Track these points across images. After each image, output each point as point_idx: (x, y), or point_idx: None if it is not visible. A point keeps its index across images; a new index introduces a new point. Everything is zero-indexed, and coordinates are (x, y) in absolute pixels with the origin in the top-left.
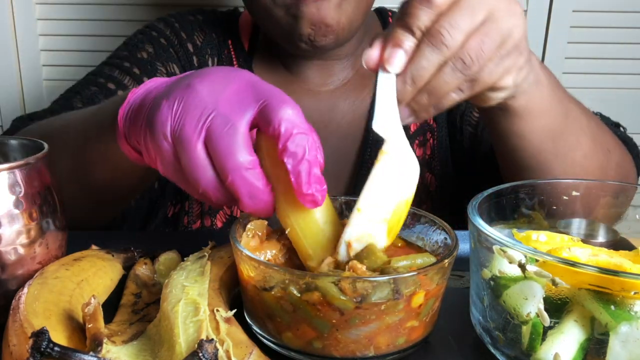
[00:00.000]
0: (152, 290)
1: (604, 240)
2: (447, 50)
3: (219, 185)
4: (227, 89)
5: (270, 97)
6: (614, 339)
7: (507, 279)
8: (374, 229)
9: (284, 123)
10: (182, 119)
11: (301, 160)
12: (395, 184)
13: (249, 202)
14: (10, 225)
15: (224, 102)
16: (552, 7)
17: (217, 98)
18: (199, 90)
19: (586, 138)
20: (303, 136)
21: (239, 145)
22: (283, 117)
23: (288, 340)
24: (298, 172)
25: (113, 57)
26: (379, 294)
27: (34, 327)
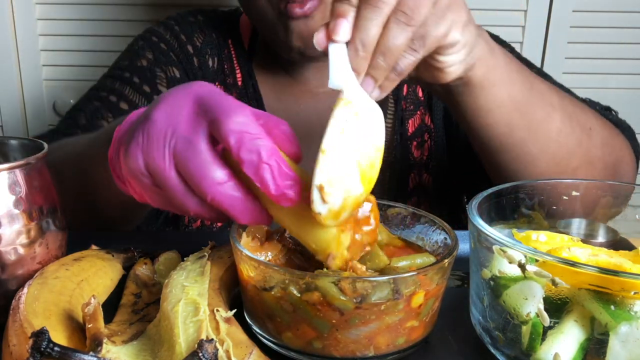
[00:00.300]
0: (152, 290)
1: (604, 240)
2: (384, 6)
3: (206, 206)
4: (182, 110)
5: (216, 110)
6: (614, 339)
7: (507, 279)
8: (344, 171)
9: (232, 135)
10: (149, 151)
11: (259, 166)
12: (360, 126)
13: (238, 214)
14: (10, 225)
15: (181, 124)
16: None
17: (173, 121)
18: (157, 119)
19: (558, 113)
20: (254, 141)
21: (205, 163)
22: (229, 129)
23: (288, 340)
24: (261, 178)
25: (114, 68)
26: (378, 294)
27: (34, 327)
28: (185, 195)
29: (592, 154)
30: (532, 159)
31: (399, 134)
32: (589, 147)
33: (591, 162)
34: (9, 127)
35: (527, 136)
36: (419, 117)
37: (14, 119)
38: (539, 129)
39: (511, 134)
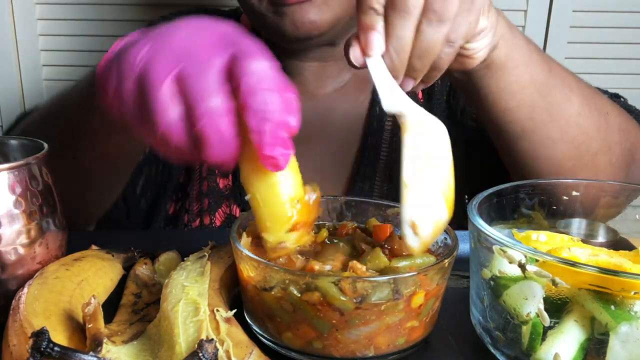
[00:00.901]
0: (152, 290)
1: (604, 240)
2: (414, 9)
3: (181, 127)
4: (205, 35)
5: (243, 47)
6: (614, 339)
7: (507, 279)
8: (430, 200)
9: (248, 77)
10: (153, 56)
11: (264, 120)
12: (431, 149)
13: (215, 152)
14: (10, 225)
15: (200, 47)
16: (552, 7)
17: (193, 43)
18: (176, 33)
19: (577, 96)
20: (269, 93)
21: (213, 89)
22: (248, 70)
23: (288, 340)
24: (259, 131)
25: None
26: (378, 294)
27: (34, 327)
28: (166, 108)
29: (611, 139)
30: (553, 142)
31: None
32: (607, 131)
33: (610, 147)
34: None
35: (548, 119)
36: None
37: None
38: (559, 111)
39: (532, 116)
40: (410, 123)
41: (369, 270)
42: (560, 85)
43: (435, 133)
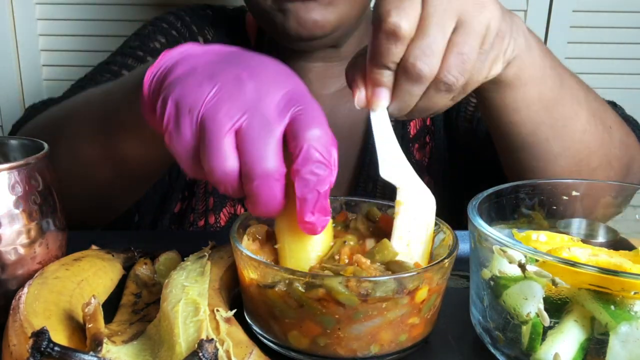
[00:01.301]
0: (152, 290)
1: (604, 240)
2: (425, 79)
3: (235, 179)
4: (275, 90)
5: (305, 111)
6: (614, 339)
7: (507, 279)
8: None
9: (306, 143)
10: (220, 103)
11: (311, 189)
12: (418, 229)
13: (262, 210)
14: (10, 225)
15: (267, 104)
16: (552, 7)
17: (262, 97)
18: (247, 83)
19: (584, 111)
20: (321, 166)
21: (272, 152)
22: (309, 137)
23: (293, 339)
24: (305, 199)
25: (125, 47)
26: (383, 289)
27: (34, 327)
28: (224, 160)
29: (612, 154)
30: (554, 157)
31: (401, 136)
32: (609, 146)
33: (610, 162)
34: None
35: (552, 135)
36: (421, 120)
37: (14, 119)
38: (565, 127)
39: (535, 132)
40: (404, 202)
41: (373, 263)
42: (570, 102)
43: (425, 210)
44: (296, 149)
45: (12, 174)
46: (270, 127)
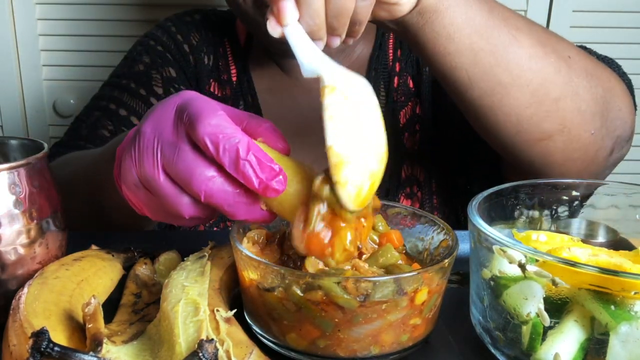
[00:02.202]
0: (152, 290)
1: (604, 240)
2: None
3: (200, 205)
4: (165, 119)
5: (191, 115)
6: (614, 339)
7: (507, 279)
8: (359, 158)
9: (206, 137)
10: (141, 162)
11: (238, 163)
12: (356, 109)
13: (233, 210)
14: (10, 225)
15: (165, 131)
16: (552, 7)
17: (159, 131)
18: (144, 131)
19: (526, 38)
20: (229, 140)
21: (191, 162)
22: (204, 132)
23: (292, 340)
24: (242, 174)
25: (112, 76)
26: (382, 292)
27: (34, 327)
28: (178, 196)
29: (576, 84)
30: (504, 88)
31: (391, 126)
32: (569, 75)
33: (576, 92)
34: (9, 127)
35: (495, 62)
36: (410, 108)
37: (14, 119)
38: (506, 53)
39: (476, 61)
40: (329, 85)
41: (371, 267)
42: (505, 27)
43: (358, 92)
44: (204, 147)
45: (12, 174)
46: (177, 145)
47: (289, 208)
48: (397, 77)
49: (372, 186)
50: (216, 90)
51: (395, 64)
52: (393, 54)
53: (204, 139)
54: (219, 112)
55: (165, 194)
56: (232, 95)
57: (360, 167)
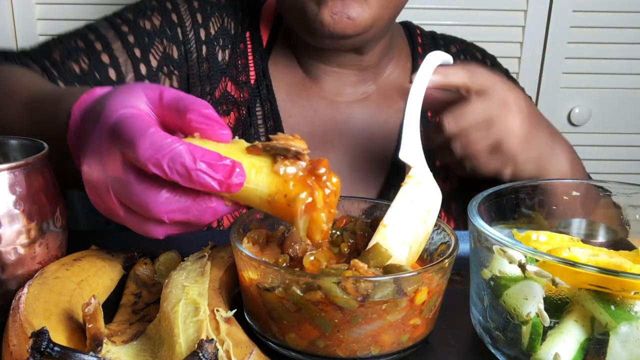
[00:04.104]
0: (152, 290)
1: (604, 240)
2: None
3: (168, 226)
4: (102, 152)
5: (123, 145)
6: (614, 339)
7: (507, 279)
8: (397, 247)
9: (149, 164)
10: (100, 200)
11: (191, 177)
12: (419, 209)
13: (200, 219)
14: (10, 225)
15: (107, 166)
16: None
17: (103, 167)
18: (91, 172)
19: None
20: (172, 157)
21: (142, 193)
22: (143, 160)
23: (291, 341)
24: (201, 185)
25: (115, 16)
26: (381, 292)
27: (34, 327)
28: (144, 224)
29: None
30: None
31: None
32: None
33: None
34: None
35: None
36: None
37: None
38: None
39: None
40: (416, 178)
41: (371, 268)
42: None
43: (429, 197)
44: (151, 172)
45: (12, 174)
46: (120, 179)
47: (253, 193)
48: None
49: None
50: (233, 90)
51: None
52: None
53: (147, 166)
54: (149, 131)
55: (132, 225)
56: (250, 99)
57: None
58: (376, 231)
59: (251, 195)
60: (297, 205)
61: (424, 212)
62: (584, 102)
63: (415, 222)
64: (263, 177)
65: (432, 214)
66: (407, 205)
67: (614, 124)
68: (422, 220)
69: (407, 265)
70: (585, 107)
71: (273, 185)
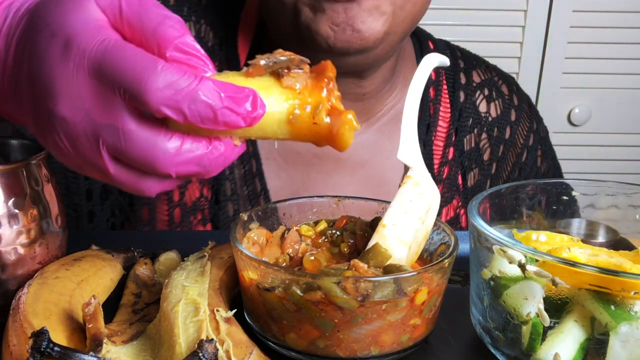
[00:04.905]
0: (152, 290)
1: (604, 240)
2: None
3: (166, 181)
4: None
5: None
6: (614, 339)
7: (507, 279)
8: (394, 247)
9: (163, 108)
10: (79, 155)
11: (216, 117)
12: (418, 208)
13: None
14: (10, 225)
15: (95, 112)
16: (552, 7)
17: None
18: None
19: None
20: (192, 99)
21: (148, 144)
22: (158, 103)
23: (291, 341)
24: (228, 125)
25: None
26: (381, 292)
27: (34, 327)
28: (139, 181)
29: None
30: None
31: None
32: None
33: None
34: None
35: None
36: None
37: None
38: None
39: None
40: (415, 179)
41: (371, 268)
42: None
43: (428, 196)
44: (167, 116)
45: (12, 174)
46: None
47: (270, 118)
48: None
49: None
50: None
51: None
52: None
53: (160, 109)
54: (158, 66)
55: (122, 182)
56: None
57: (389, 245)
58: (375, 231)
59: (267, 122)
60: (321, 115)
61: (423, 211)
62: (584, 102)
63: (415, 222)
64: (276, 96)
65: (431, 213)
66: (406, 205)
67: (614, 124)
68: (421, 219)
69: (407, 265)
70: (585, 107)
71: (289, 102)
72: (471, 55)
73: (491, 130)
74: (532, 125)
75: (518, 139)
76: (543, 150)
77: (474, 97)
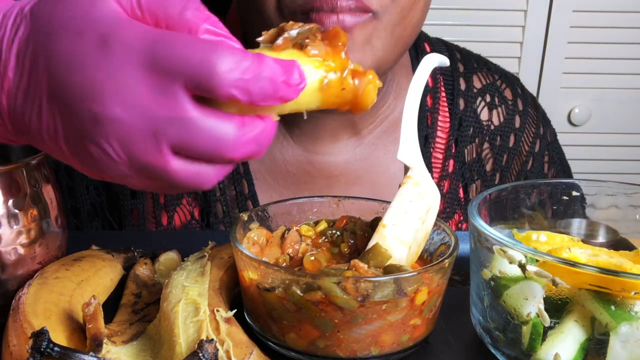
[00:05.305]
0: (152, 290)
1: (604, 240)
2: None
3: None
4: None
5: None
6: (614, 339)
7: (507, 279)
8: (394, 247)
9: (233, 91)
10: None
11: (277, 92)
12: (418, 208)
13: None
14: (10, 225)
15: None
16: (552, 7)
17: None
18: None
19: None
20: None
21: (215, 130)
22: (228, 86)
23: (291, 341)
24: (281, 98)
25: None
26: (381, 292)
27: (34, 327)
28: (200, 175)
29: None
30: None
31: None
32: None
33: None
34: None
35: None
36: None
37: None
38: None
39: None
40: (415, 179)
41: (371, 268)
42: None
43: (428, 196)
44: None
45: (12, 174)
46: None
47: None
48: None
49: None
50: None
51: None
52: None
53: (231, 92)
54: (219, 48)
55: (181, 179)
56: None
57: (389, 245)
58: (375, 231)
59: (303, 93)
60: (348, 80)
61: (423, 211)
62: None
63: (415, 222)
64: (308, 67)
65: (431, 213)
66: (406, 205)
67: (614, 124)
68: (421, 219)
69: (407, 265)
70: (585, 107)
71: (319, 70)
72: (471, 56)
73: (494, 139)
74: (538, 130)
75: (523, 147)
76: (550, 155)
77: (474, 104)
